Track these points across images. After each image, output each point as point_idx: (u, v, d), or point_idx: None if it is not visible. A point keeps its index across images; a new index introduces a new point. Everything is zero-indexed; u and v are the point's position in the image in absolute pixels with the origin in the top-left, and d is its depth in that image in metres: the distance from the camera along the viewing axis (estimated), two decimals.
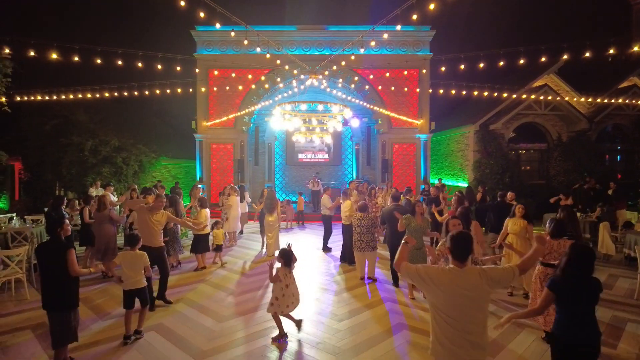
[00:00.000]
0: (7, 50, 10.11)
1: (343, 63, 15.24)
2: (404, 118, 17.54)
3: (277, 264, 5.21)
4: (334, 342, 4.96)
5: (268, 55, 13.12)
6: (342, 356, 4.61)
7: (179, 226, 8.77)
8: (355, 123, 17.14)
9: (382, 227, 9.75)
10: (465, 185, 16.87)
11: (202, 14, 8.03)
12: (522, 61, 12.86)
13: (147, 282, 5.31)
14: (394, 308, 6.25)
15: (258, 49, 11.70)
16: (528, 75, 17.79)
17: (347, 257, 8.93)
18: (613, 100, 16.71)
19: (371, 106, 17.44)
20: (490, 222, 8.99)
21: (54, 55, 9.13)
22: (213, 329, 5.37)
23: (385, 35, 12.50)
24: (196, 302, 6.47)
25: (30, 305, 6.29)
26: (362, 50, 15.70)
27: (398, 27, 10.76)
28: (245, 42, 13.47)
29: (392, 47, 17.41)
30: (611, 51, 10.56)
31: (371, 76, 17.21)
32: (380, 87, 17.49)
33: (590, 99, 17.30)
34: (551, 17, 29.04)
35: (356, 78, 17.33)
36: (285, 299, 5.01)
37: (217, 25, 8.56)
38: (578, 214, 11.47)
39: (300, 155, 19.93)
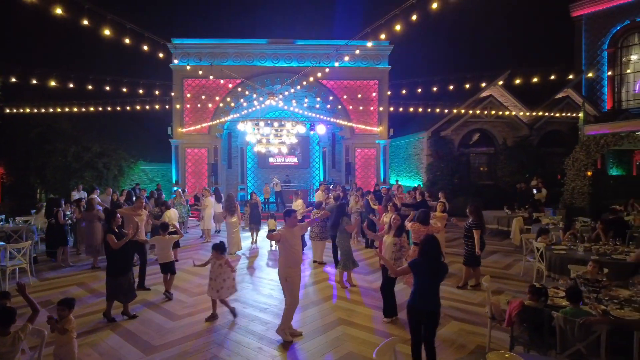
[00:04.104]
0: None
1: (311, 79, 16.57)
2: (363, 126, 19.22)
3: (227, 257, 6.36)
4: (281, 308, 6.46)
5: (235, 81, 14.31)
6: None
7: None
8: (321, 130, 18.78)
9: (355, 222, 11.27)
10: (421, 185, 18.66)
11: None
12: (469, 76, 14.67)
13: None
14: (334, 284, 7.84)
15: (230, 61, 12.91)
16: (477, 86, 19.72)
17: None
18: (546, 114, 18.91)
19: (332, 119, 19.05)
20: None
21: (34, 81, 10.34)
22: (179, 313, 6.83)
23: (357, 51, 13.50)
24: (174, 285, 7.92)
25: (31, 289, 7.59)
26: (327, 70, 17.10)
27: (369, 44, 12.20)
28: (211, 77, 14.65)
29: (355, 60, 19.05)
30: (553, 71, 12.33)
31: (335, 87, 18.86)
32: (344, 97, 19.14)
33: (527, 113, 19.43)
34: (500, 31, 31.48)
35: (321, 89, 18.93)
36: (214, 283, 6.01)
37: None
38: (508, 210, 13.36)
39: (271, 159, 21.39)
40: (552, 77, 16.19)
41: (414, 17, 7.68)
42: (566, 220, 9.70)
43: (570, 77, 19.55)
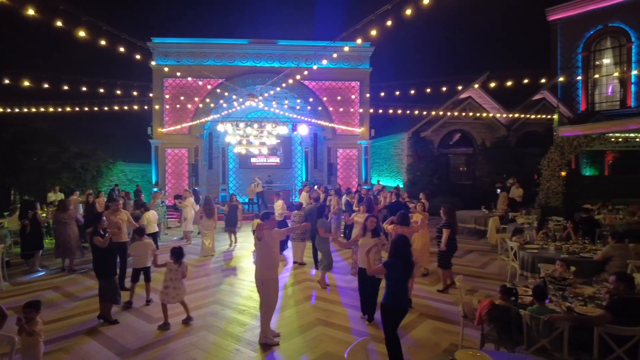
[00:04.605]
0: None
1: (290, 81, 16.43)
2: (344, 127, 19.34)
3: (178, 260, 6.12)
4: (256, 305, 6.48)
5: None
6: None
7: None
8: (303, 130, 18.82)
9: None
10: (401, 185, 18.90)
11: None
12: (449, 78, 14.93)
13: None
14: (313, 285, 7.91)
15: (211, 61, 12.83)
16: (456, 88, 20.06)
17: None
18: (522, 115, 19.39)
19: (314, 119, 19.12)
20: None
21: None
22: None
23: (346, 48, 13.40)
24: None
25: (4, 294, 7.45)
26: (310, 70, 17.09)
27: (346, 48, 12.27)
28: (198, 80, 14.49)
29: (336, 61, 19.13)
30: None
31: (317, 88, 18.93)
32: (325, 98, 19.23)
33: (504, 115, 19.87)
34: (479, 34, 32.17)
35: (303, 90, 18.97)
36: (168, 290, 5.90)
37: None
38: (486, 210, 13.65)
39: (253, 160, 21.32)
40: (529, 79, 16.58)
41: (395, 20, 7.75)
42: (539, 219, 9.97)
43: (543, 80, 20.08)
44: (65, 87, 12.10)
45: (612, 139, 14.41)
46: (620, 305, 3.82)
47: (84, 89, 12.58)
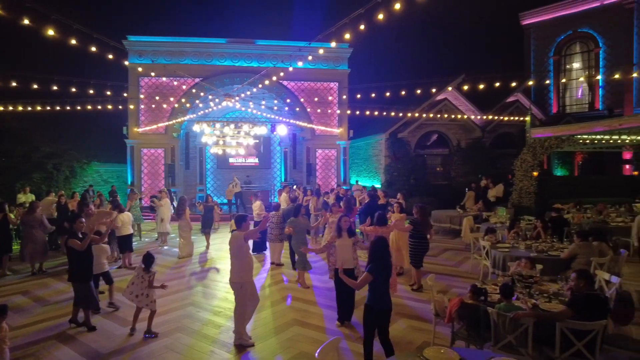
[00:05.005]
0: None
1: (267, 82, 16.25)
2: (323, 128, 19.43)
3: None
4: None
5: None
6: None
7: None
8: (282, 130, 18.78)
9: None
10: (379, 186, 19.10)
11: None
12: (426, 80, 15.17)
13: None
14: (290, 286, 7.94)
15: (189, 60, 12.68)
16: (433, 89, 20.41)
17: (256, 248, 10.57)
18: (497, 117, 19.87)
19: (293, 120, 19.14)
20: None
21: None
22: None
23: (321, 51, 13.20)
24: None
25: None
26: (286, 71, 17.05)
27: (321, 51, 12.36)
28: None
29: (315, 62, 19.18)
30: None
31: (295, 88, 18.96)
32: (303, 99, 19.28)
33: (478, 117, 20.32)
34: (455, 38, 32.89)
35: (282, 90, 18.96)
36: (142, 297, 5.72)
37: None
38: (460, 210, 13.94)
39: (232, 160, 21.18)
40: (504, 82, 17.01)
41: (372, 22, 7.84)
42: (511, 219, 10.26)
43: (516, 83, 20.65)
44: (35, 86, 11.76)
45: (581, 141, 14.91)
46: (580, 301, 3.98)
47: (55, 87, 12.25)
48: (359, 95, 17.75)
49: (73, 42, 7.88)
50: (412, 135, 20.11)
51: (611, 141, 14.91)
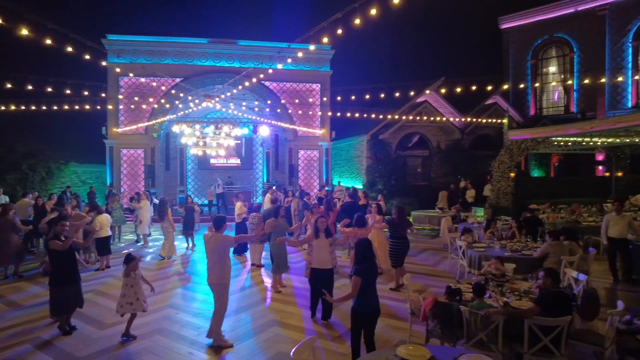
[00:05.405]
0: None
1: (247, 83, 16.08)
2: (305, 129, 19.50)
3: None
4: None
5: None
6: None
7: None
8: (264, 131, 18.76)
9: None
10: (360, 186, 19.27)
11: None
12: (407, 83, 15.38)
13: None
14: (268, 287, 7.97)
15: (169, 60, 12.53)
16: (413, 92, 20.68)
17: (237, 250, 10.55)
18: (476, 119, 20.28)
19: (275, 121, 19.13)
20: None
21: None
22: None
23: (300, 54, 13.22)
24: (105, 292, 7.67)
25: None
26: (270, 71, 17.01)
27: (300, 54, 12.39)
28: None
29: (297, 63, 19.20)
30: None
31: (278, 89, 18.97)
32: (285, 100, 19.30)
33: (456, 119, 20.70)
34: (436, 41, 33.42)
35: (264, 91, 18.95)
36: (136, 303, 5.61)
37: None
38: (439, 211, 14.21)
39: (213, 160, 21.04)
40: (483, 85, 17.35)
41: (355, 24, 7.88)
42: (487, 219, 10.50)
43: (494, 86, 21.10)
44: (10, 85, 11.49)
45: (555, 143, 15.33)
46: (547, 298, 4.14)
47: (30, 87, 11.99)
48: (339, 98, 17.85)
49: (49, 42, 7.74)
50: (393, 136, 20.35)
51: (584, 143, 15.39)
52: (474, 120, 20.87)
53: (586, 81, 19.63)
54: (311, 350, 3.51)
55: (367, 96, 17.05)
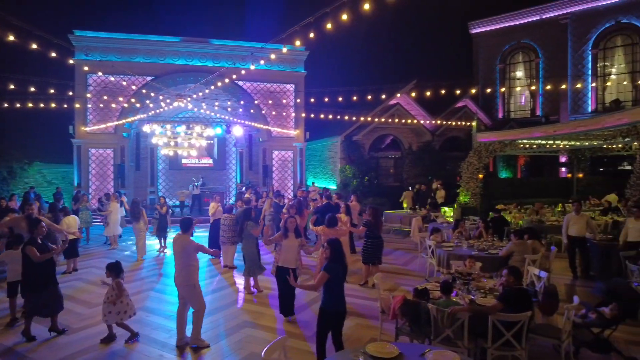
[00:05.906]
0: None
1: (220, 84, 15.82)
2: (279, 129, 19.49)
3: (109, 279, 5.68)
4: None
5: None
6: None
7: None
8: (238, 131, 18.64)
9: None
10: (335, 187, 19.43)
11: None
12: (379, 86, 15.61)
13: None
14: (240, 288, 7.96)
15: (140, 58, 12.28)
16: (385, 94, 21.00)
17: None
18: (446, 122, 20.82)
19: (248, 121, 19.04)
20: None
21: None
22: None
23: (272, 56, 13.21)
24: (73, 296, 7.47)
25: None
26: (243, 71, 16.84)
27: (272, 56, 12.36)
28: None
29: (271, 63, 19.17)
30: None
31: (251, 89, 18.89)
32: (259, 100, 19.24)
33: (427, 121, 21.21)
34: (408, 45, 34.09)
35: (237, 91, 18.82)
36: (117, 307, 5.49)
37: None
38: (410, 210, 14.48)
39: (184, 161, 20.76)
40: (453, 88, 17.83)
41: (328, 27, 7.94)
42: (456, 219, 10.81)
43: (462, 90, 21.70)
44: None
45: (521, 145, 15.91)
46: (510, 295, 4.34)
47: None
48: (312, 100, 17.95)
49: (12, 38, 7.48)
50: (367, 138, 20.62)
51: (547, 146, 16.03)
52: (445, 122, 21.41)
53: (549, 86, 20.47)
54: (282, 349, 3.56)
55: (341, 98, 17.23)
